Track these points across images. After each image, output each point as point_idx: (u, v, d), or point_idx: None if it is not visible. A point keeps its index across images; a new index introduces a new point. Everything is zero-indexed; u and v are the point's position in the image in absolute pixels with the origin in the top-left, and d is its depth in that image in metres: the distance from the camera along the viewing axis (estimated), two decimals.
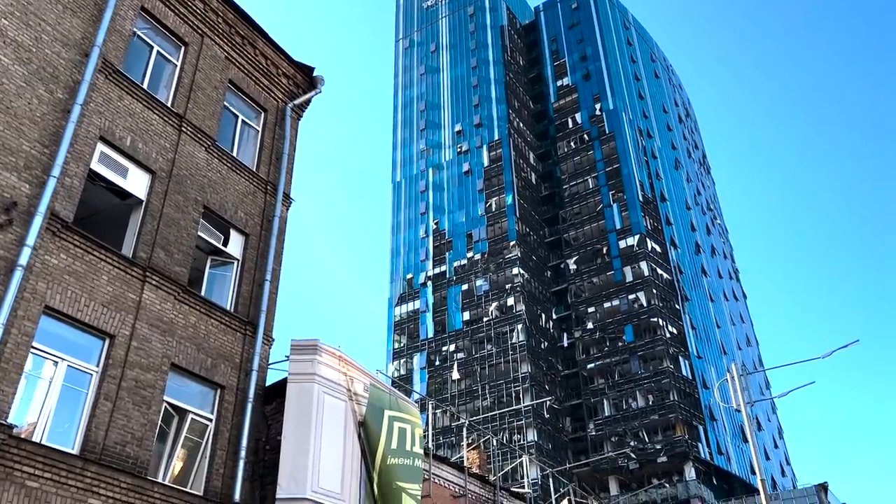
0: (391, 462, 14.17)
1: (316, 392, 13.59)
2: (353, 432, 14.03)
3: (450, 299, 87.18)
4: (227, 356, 13.32)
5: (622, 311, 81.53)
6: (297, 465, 12.75)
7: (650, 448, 72.88)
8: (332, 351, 14.33)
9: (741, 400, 22.66)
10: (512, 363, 79.07)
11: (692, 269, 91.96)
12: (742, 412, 22.70)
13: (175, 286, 12.63)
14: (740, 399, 22.65)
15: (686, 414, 73.49)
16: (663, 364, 76.18)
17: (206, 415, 12.71)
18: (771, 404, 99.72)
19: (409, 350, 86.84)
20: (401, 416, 14.91)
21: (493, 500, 18.12)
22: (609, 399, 78.27)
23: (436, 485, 16.39)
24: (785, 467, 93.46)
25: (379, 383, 15.07)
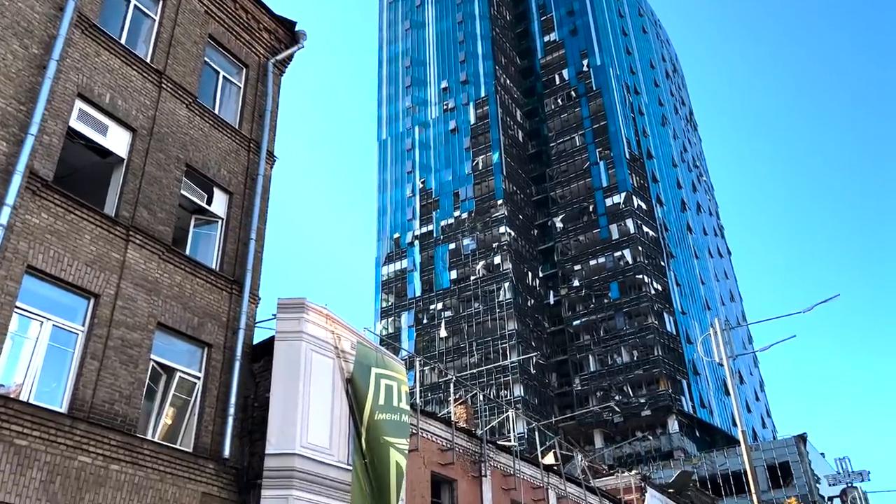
0: (379, 418, 14.34)
1: (303, 350, 13.65)
2: (341, 389, 14.15)
3: (437, 258, 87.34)
4: (214, 315, 13.32)
5: (608, 269, 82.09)
6: (286, 422, 12.88)
7: (634, 402, 74.19)
8: (318, 309, 14.36)
9: (724, 354, 23.02)
10: (499, 321, 79.71)
11: (677, 226, 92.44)
12: (724, 366, 23.09)
13: (159, 245, 12.56)
14: (723, 353, 23.01)
15: (670, 369, 74.67)
16: (648, 320, 77.09)
17: (193, 373, 12.76)
18: (753, 358, 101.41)
19: (397, 309, 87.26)
20: (387, 373, 15.03)
21: (479, 453, 18.43)
22: (594, 355, 79.30)
23: (423, 439, 16.63)
24: (766, 419, 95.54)
25: (366, 341, 15.16)
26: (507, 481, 19.22)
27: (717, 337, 23.39)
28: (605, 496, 23.99)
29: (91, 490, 10.22)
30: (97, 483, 10.31)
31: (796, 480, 61.03)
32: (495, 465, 19.04)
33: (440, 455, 17.16)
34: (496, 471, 19.02)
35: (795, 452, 62.33)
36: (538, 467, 20.71)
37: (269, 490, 12.27)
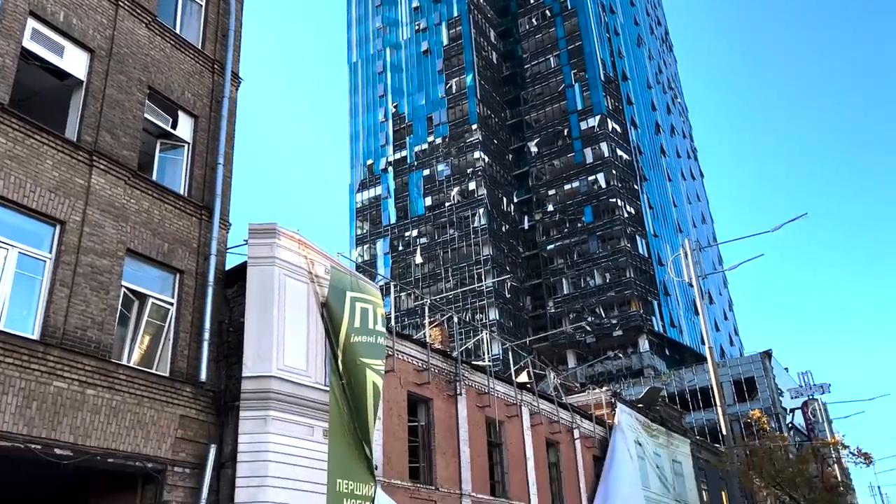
0: (355, 340, 14.52)
1: (277, 275, 13.65)
2: (316, 313, 14.25)
3: (411, 185, 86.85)
4: (184, 241, 13.21)
5: (582, 193, 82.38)
6: (261, 345, 13.00)
7: (606, 323, 75.86)
8: (290, 234, 14.30)
9: (692, 274, 23.51)
10: (474, 246, 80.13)
11: (651, 149, 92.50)
12: (693, 286, 23.61)
13: (124, 170, 12.31)
14: (692, 273, 23.49)
15: (641, 290, 76.12)
16: (621, 243, 78.02)
17: (166, 299, 12.74)
18: (723, 279, 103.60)
19: (372, 236, 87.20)
20: (362, 296, 15.14)
21: (454, 373, 18.82)
22: (568, 278, 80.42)
23: (400, 360, 16.92)
24: (733, 337, 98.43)
25: (339, 266, 15.18)
26: (482, 399, 19.74)
27: (688, 258, 23.82)
28: (576, 412, 24.78)
29: (69, 414, 10.31)
30: (74, 407, 10.39)
31: (761, 394, 63.44)
32: (470, 384, 19.50)
33: (416, 375, 17.50)
34: (471, 389, 19.49)
35: (760, 368, 64.55)
36: (512, 385, 21.26)
37: (247, 412, 12.48)
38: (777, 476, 27.98)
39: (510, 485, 20.04)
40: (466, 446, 18.48)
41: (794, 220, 22.12)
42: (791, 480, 27.38)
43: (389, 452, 15.80)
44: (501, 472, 20.20)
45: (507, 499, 19.71)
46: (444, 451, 17.73)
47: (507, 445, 20.47)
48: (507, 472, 20.16)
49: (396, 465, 15.96)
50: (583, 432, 24.76)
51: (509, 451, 20.46)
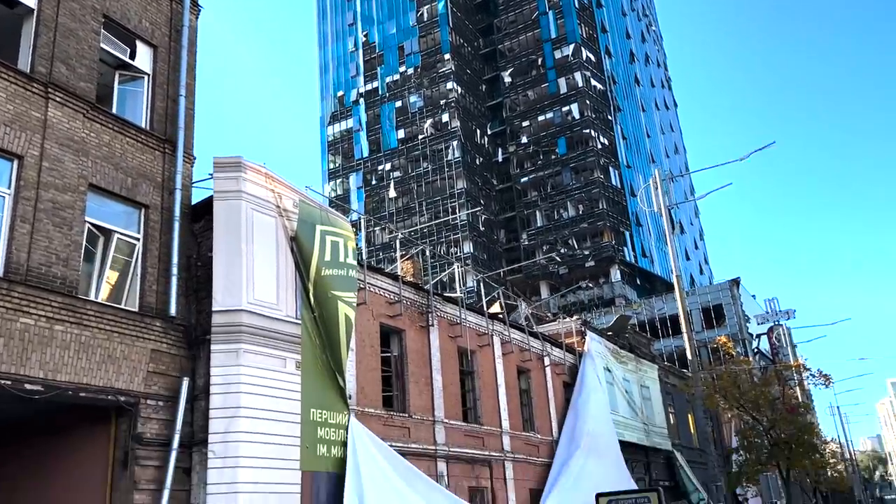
0: (325, 273, 14.56)
1: (244, 209, 13.54)
2: (286, 247, 14.22)
3: (383, 117, 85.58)
4: (148, 175, 13.00)
5: (556, 124, 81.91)
6: (230, 280, 12.99)
7: (579, 254, 76.71)
8: (257, 168, 14.12)
9: (662, 204, 23.73)
10: (448, 180, 79.81)
11: (625, 78, 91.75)
12: (663, 215, 23.86)
13: (82, 103, 11.97)
14: (661, 203, 23.71)
15: (614, 221, 76.78)
16: (594, 175, 78.21)
17: (132, 234, 12.61)
18: (694, 209, 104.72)
19: (345, 170, 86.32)
20: (332, 230, 15.11)
21: (427, 304, 19.03)
22: (541, 210, 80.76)
23: (371, 293, 17.04)
24: (703, 266, 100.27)
25: (308, 199, 15.08)
26: (454, 329, 20.03)
27: (657, 188, 23.99)
28: (546, 340, 25.31)
29: (37, 350, 10.31)
30: (42, 343, 10.38)
31: (728, 321, 65.13)
32: (442, 315, 19.75)
33: (388, 307, 17.67)
34: (443, 320, 19.75)
35: (729, 295, 66.08)
36: (483, 316, 21.57)
37: (218, 345, 12.57)
38: (741, 398, 29.09)
39: (482, 411, 20.57)
40: (439, 375, 18.85)
41: (763, 149, 22.29)
42: (754, 402, 28.49)
43: (363, 382, 16.08)
44: (474, 399, 20.69)
45: (479, 424, 20.27)
46: (417, 380, 18.09)
47: (479, 374, 20.91)
48: (479, 399, 20.67)
49: (370, 394, 16.27)
50: (553, 360, 25.35)
51: (481, 379, 20.92)
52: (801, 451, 27.44)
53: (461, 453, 18.86)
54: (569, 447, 23.42)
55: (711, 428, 40.71)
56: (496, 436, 20.81)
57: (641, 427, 30.80)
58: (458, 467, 18.70)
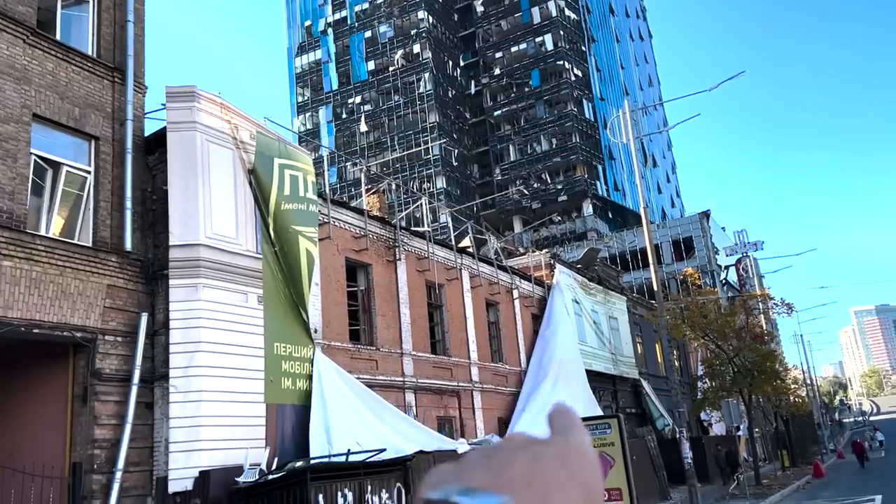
0: (286, 208, 14.31)
1: (199, 140, 13.15)
2: (244, 180, 13.90)
3: (353, 48, 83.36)
4: (97, 105, 12.50)
5: (529, 56, 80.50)
6: (187, 213, 12.71)
7: (552, 189, 76.65)
8: (211, 98, 13.66)
9: (631, 135, 23.56)
10: (420, 113, 78.53)
11: (600, 8, 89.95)
12: (631, 146, 23.73)
13: (22, 28, 11.37)
14: (629, 134, 23.53)
15: (587, 155, 76.54)
16: (567, 107, 77.45)
17: (82, 167, 12.21)
18: (667, 142, 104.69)
19: (314, 104, 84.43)
20: (291, 163, 14.79)
21: (394, 239, 18.90)
22: (515, 144, 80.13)
23: (336, 228, 16.83)
24: (675, 199, 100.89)
25: (266, 131, 14.68)
26: (422, 263, 19.98)
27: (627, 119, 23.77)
28: (515, 273, 25.41)
29: None
30: None
31: (698, 253, 65.92)
32: (410, 249, 19.65)
33: (354, 242, 17.50)
34: (411, 254, 19.67)
35: (699, 228, 66.67)
36: (451, 250, 21.52)
37: (176, 280, 12.37)
38: (707, 328, 29.69)
39: (450, 343, 20.74)
40: (407, 308, 18.88)
41: (732, 78, 22.08)
42: (720, 331, 29.09)
43: (329, 316, 16.04)
44: (442, 331, 20.83)
45: (447, 356, 20.47)
46: (384, 314, 18.10)
47: (447, 307, 20.99)
48: (448, 332, 20.81)
49: (336, 328, 16.26)
50: (522, 292, 25.52)
51: (449, 312, 21.02)
52: (763, 378, 28.23)
53: (429, 384, 19.08)
54: (536, 376, 23.83)
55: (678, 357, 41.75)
56: (464, 367, 21.06)
57: (609, 357, 31.41)
58: (427, 397, 18.95)
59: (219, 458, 11.87)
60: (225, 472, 11.68)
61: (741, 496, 23.21)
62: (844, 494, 23.60)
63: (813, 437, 47.59)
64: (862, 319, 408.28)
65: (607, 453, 12.37)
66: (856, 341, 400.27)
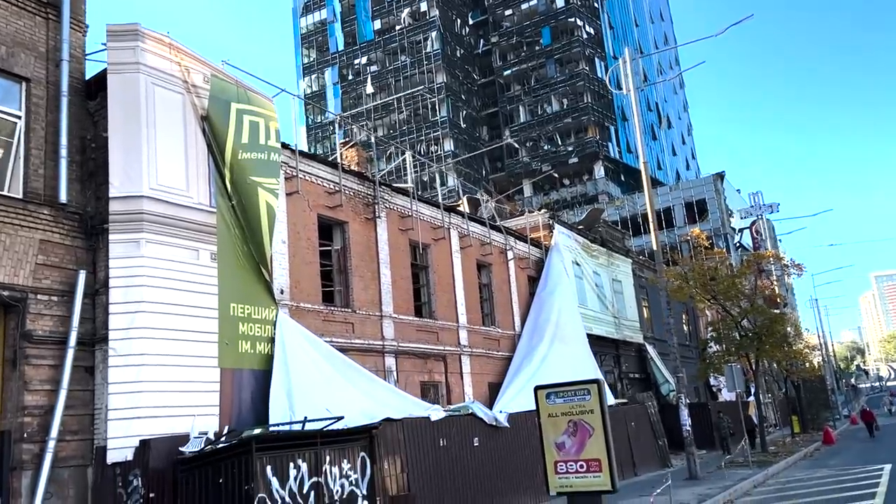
0: (243, 157, 13.25)
1: (143, 83, 12.07)
2: (196, 127, 12.84)
3: (358, 7, 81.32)
4: (28, 44, 11.44)
5: (540, 13, 78.17)
6: (129, 162, 11.68)
7: (563, 151, 74.92)
8: (158, 37, 12.53)
9: (631, 85, 22.18)
10: (427, 74, 76.73)
11: None
12: (632, 96, 22.37)
13: None
14: (630, 84, 22.15)
15: (599, 115, 74.58)
16: (579, 66, 75.34)
17: (12, 111, 11.21)
18: (683, 103, 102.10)
19: (320, 65, 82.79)
20: (251, 108, 13.68)
21: (372, 195, 17.80)
22: (525, 105, 78.26)
23: (306, 182, 15.75)
24: (690, 161, 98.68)
25: (223, 74, 13.55)
26: (405, 222, 18.91)
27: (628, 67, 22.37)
28: (510, 233, 24.27)
29: None
30: None
31: (711, 216, 64.27)
32: (392, 206, 18.56)
33: (327, 198, 16.44)
34: (393, 212, 18.59)
35: (712, 190, 64.92)
36: (438, 208, 20.39)
37: (117, 234, 11.41)
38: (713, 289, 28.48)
39: (437, 306, 19.75)
40: (387, 269, 17.86)
41: (740, 23, 20.58)
42: (726, 294, 27.88)
43: (298, 276, 15.06)
44: (428, 293, 19.83)
45: (433, 319, 19.49)
46: (362, 275, 17.10)
47: (433, 268, 19.95)
48: (434, 294, 19.80)
49: (306, 288, 15.29)
50: (517, 254, 24.41)
51: (436, 274, 19.98)
52: (771, 342, 27.06)
53: (412, 348, 18.14)
54: (531, 339, 22.84)
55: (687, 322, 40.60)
56: (452, 330, 20.08)
57: (612, 321, 30.33)
58: (409, 362, 18.03)
59: (163, 427, 11.01)
60: (169, 442, 10.83)
61: (743, 464, 22.23)
62: (853, 462, 22.57)
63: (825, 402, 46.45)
64: (882, 284, 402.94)
65: (586, 421, 11.39)
66: (875, 306, 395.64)
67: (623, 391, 30.37)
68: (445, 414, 14.34)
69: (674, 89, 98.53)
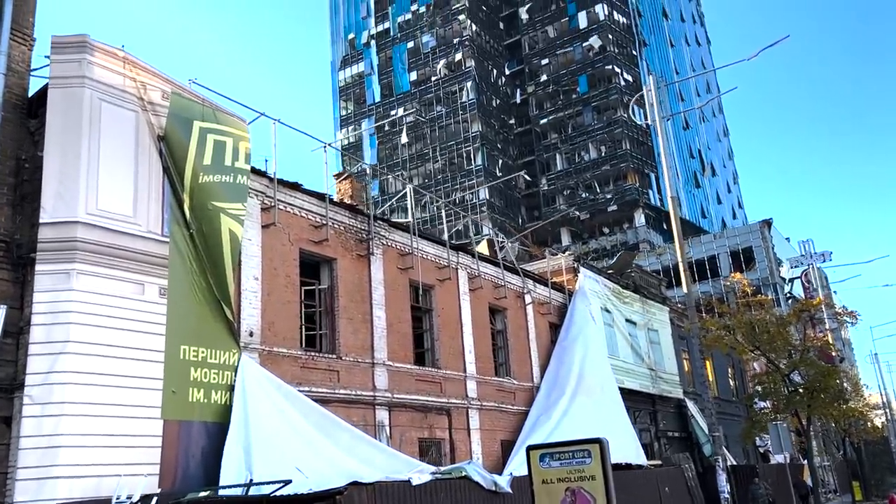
0: (206, 180, 11.91)
1: (87, 98, 10.90)
2: (151, 147, 11.57)
3: (395, 59, 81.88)
4: None
5: (577, 61, 77.38)
6: (64, 184, 10.42)
7: (601, 198, 72.98)
8: (111, 50, 11.41)
9: (657, 115, 20.50)
10: (462, 123, 76.23)
11: (652, 12, 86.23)
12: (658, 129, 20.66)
13: None
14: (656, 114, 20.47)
15: (638, 162, 72.69)
16: (617, 113, 73.88)
17: None
18: (728, 151, 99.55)
19: (357, 117, 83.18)
20: (217, 127, 12.39)
21: (366, 230, 16.30)
22: (562, 153, 76.92)
23: (285, 213, 14.33)
24: (737, 210, 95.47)
25: (187, 92, 12.34)
26: (405, 260, 17.32)
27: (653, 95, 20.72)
28: (528, 276, 22.44)
29: None
30: None
31: (759, 265, 61.23)
32: (389, 243, 17.03)
33: (313, 231, 14.99)
34: (390, 249, 17.04)
35: (759, 237, 62.00)
36: (444, 246, 18.76)
37: (44, 265, 10.07)
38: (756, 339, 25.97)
39: (441, 353, 17.94)
40: (382, 311, 16.21)
41: (775, 45, 18.82)
42: (771, 343, 25.36)
43: (272, 317, 13.52)
44: (431, 339, 18.07)
45: (436, 368, 17.67)
46: (351, 317, 15.48)
47: (438, 311, 18.21)
48: (438, 340, 18.02)
49: (282, 331, 13.72)
50: (537, 298, 22.52)
51: (441, 318, 18.23)
52: (824, 399, 24.32)
53: (410, 400, 16.32)
54: (550, 393, 20.76)
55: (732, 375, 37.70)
56: (458, 381, 18.20)
57: (647, 373, 27.98)
58: (406, 416, 16.19)
59: (85, 489, 9.43)
60: None
61: None
62: None
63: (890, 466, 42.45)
64: None
65: (585, 489, 9.41)
66: None
67: (660, 451, 27.78)
68: (431, 477, 12.41)
69: (717, 137, 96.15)
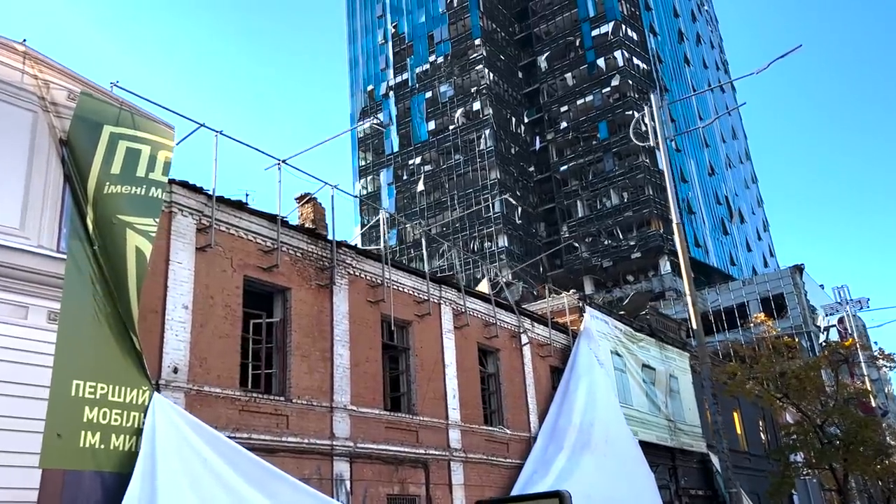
0: (110, 190, 10.40)
1: None
2: (51, 153, 10.14)
3: (413, 109, 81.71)
4: None
5: (596, 107, 76.33)
6: None
7: (624, 245, 70.82)
8: (8, 44, 10.10)
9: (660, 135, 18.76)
10: (480, 171, 75.23)
11: (673, 57, 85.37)
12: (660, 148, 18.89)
13: None
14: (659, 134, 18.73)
15: (661, 208, 70.57)
16: (638, 159, 72.28)
17: None
18: (757, 198, 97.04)
19: (375, 167, 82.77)
20: (134, 133, 10.94)
21: (328, 258, 14.63)
22: (583, 200, 75.24)
23: (226, 234, 12.74)
24: (768, 259, 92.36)
25: (102, 93, 10.95)
26: (376, 293, 15.59)
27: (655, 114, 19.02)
28: (525, 314, 20.48)
29: None
30: None
31: (790, 312, 58.21)
32: (358, 273, 15.34)
33: (262, 257, 13.37)
34: (359, 280, 15.34)
35: (790, 284, 59.10)
36: (423, 277, 17.00)
37: None
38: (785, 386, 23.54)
39: (418, 398, 16.00)
40: (345, 349, 14.41)
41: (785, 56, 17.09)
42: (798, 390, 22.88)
43: (204, 352, 11.80)
44: (407, 382, 16.17)
45: (412, 414, 15.71)
46: (306, 354, 13.70)
47: (415, 351, 16.36)
48: (415, 383, 16.11)
49: (217, 368, 11.97)
50: (535, 339, 20.52)
51: (419, 357, 16.36)
52: (860, 452, 21.67)
53: (377, 450, 14.36)
54: (546, 447, 18.56)
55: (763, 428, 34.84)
56: (439, 429, 16.20)
57: (665, 424, 25.54)
58: (372, 469, 14.20)
59: None
60: None
61: None
62: None
63: None
64: None
65: None
66: None
67: None
68: None
69: (745, 183, 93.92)
